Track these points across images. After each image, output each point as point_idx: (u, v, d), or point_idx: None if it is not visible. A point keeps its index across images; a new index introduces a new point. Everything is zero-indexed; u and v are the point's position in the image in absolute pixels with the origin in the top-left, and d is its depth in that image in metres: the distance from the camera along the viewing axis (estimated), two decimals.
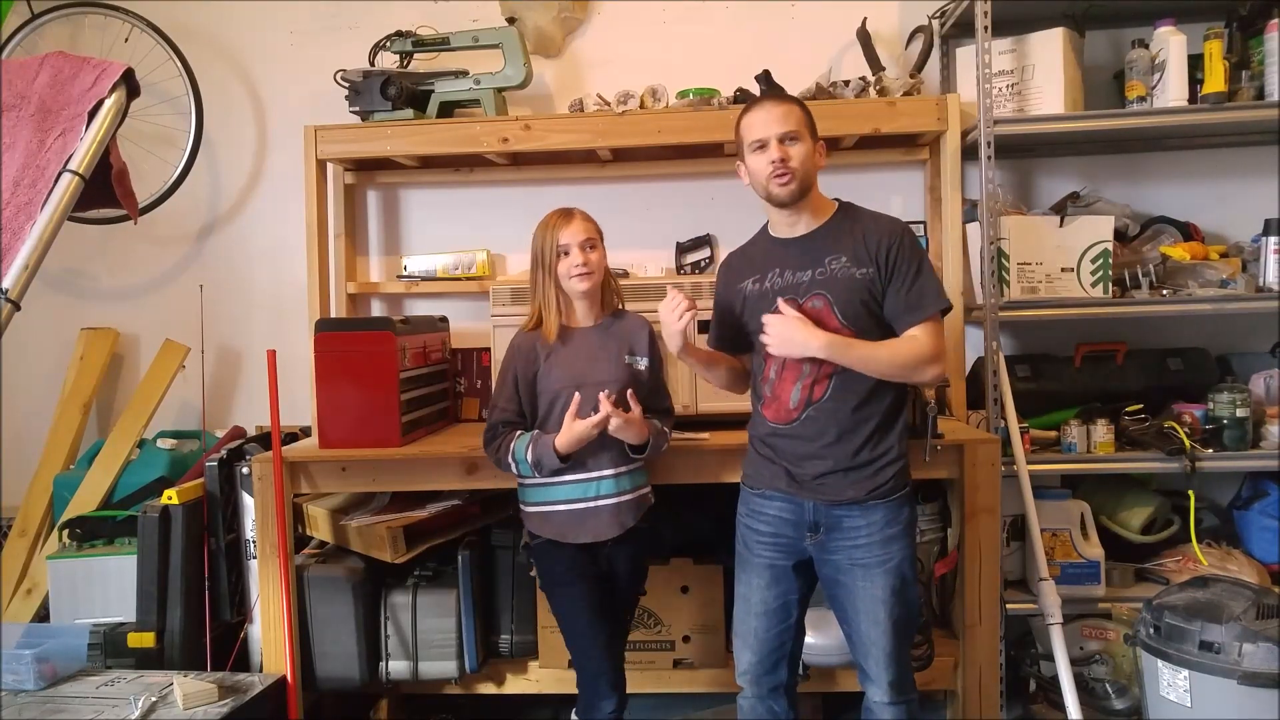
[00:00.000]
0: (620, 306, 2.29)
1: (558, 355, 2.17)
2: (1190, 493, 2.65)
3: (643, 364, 2.22)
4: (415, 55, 3.03)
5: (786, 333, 1.90)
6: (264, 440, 2.84)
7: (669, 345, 2.03)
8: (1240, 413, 2.59)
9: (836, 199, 2.06)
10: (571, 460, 2.11)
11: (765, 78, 2.86)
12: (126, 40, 3.10)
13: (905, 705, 2.02)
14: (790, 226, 2.03)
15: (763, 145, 1.96)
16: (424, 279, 3.11)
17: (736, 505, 2.16)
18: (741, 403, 2.52)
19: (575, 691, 2.24)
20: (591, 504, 2.16)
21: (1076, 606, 2.65)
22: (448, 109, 2.99)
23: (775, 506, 2.04)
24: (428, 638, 2.63)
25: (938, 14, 2.93)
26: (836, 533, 1.97)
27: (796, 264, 2.00)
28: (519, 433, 2.17)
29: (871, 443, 1.95)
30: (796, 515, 2.01)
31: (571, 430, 2.06)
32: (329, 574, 2.59)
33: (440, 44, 2.98)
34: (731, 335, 2.12)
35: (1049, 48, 2.70)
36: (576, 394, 2.09)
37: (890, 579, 1.95)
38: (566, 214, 2.18)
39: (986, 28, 2.61)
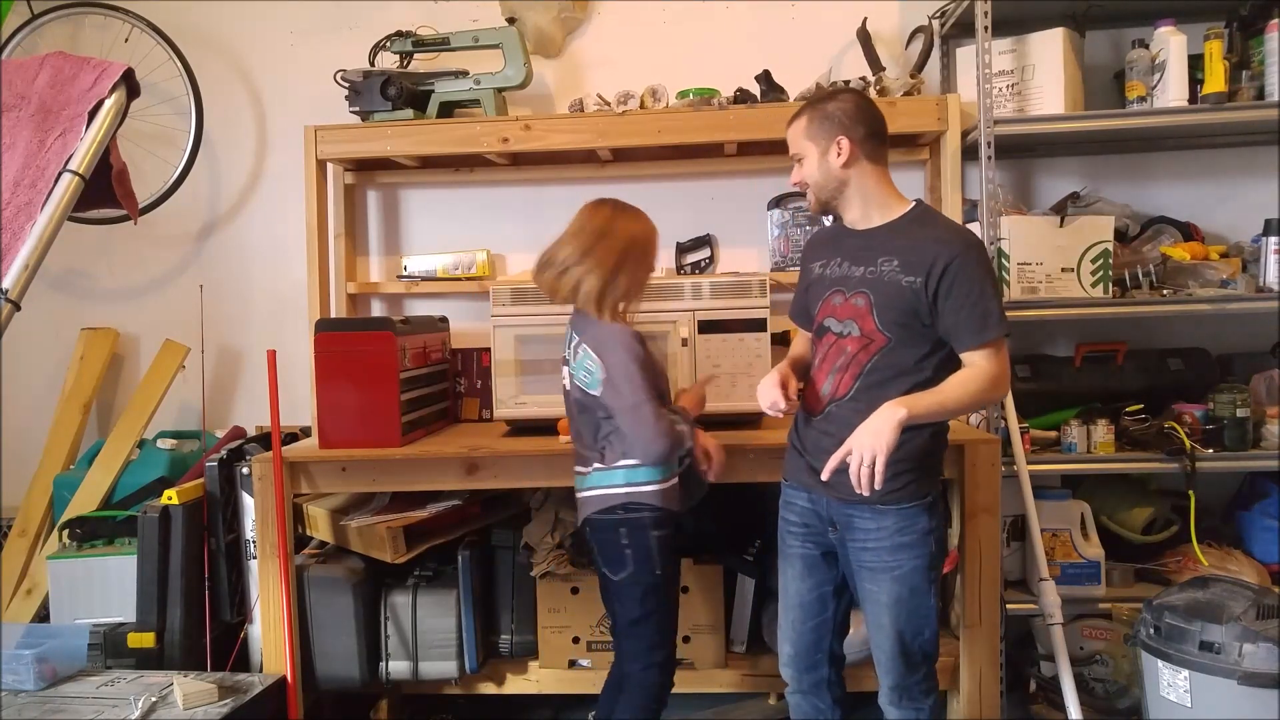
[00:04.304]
0: None
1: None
2: (1190, 493, 2.64)
3: None
4: (415, 55, 3.03)
5: (863, 440, 1.79)
6: (264, 440, 2.84)
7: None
8: (1240, 413, 2.59)
9: (917, 199, 1.98)
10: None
11: (765, 78, 2.86)
12: (126, 40, 3.10)
13: (913, 711, 2.01)
14: (852, 221, 2.00)
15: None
16: (424, 279, 3.11)
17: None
18: (740, 403, 2.53)
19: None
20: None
21: (1076, 606, 2.65)
22: (448, 109, 2.99)
23: (802, 498, 2.06)
24: (428, 638, 2.63)
25: (938, 14, 2.93)
26: (848, 532, 1.97)
27: (854, 257, 1.96)
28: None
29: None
30: (816, 509, 2.03)
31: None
32: (329, 574, 2.59)
33: (440, 44, 2.97)
34: (802, 309, 2.13)
35: (1049, 48, 2.70)
36: None
37: (896, 587, 1.92)
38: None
39: (987, 28, 2.61)
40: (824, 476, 1.87)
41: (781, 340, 2.77)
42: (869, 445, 1.77)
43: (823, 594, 2.06)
